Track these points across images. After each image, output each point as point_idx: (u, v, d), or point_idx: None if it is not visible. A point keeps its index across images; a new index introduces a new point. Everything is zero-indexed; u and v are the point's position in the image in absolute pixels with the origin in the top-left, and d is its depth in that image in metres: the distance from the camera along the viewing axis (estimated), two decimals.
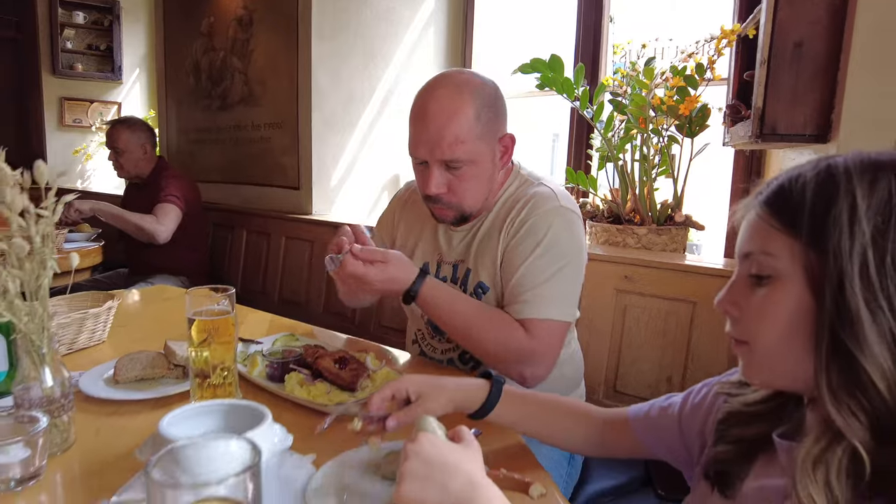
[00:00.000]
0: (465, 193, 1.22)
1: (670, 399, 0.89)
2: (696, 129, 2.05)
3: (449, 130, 1.15)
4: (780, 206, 0.59)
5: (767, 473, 0.64)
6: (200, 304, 0.97)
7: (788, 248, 0.57)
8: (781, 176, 0.61)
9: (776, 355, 0.60)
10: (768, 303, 0.59)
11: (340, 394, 1.05)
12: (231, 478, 0.41)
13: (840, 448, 0.53)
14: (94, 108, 4.73)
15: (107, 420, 0.97)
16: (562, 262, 1.19)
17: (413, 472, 0.60)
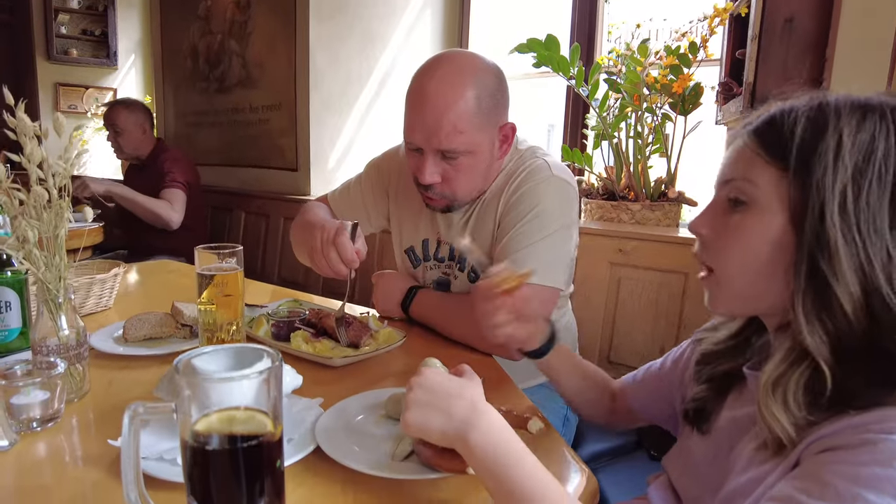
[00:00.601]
0: (459, 184, 1.18)
1: (651, 364, 0.94)
2: (690, 107, 2.08)
3: (447, 119, 1.09)
4: (768, 137, 0.61)
5: (739, 404, 0.68)
6: (209, 262, 1.00)
7: (771, 178, 0.60)
8: (773, 108, 0.63)
9: (740, 281, 0.63)
10: (742, 228, 0.62)
11: (345, 350, 1.08)
12: (254, 375, 0.45)
13: (798, 370, 0.56)
14: (90, 93, 4.71)
15: (119, 373, 1.00)
16: (549, 230, 1.17)
17: (417, 401, 0.63)
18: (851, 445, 0.49)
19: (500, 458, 0.58)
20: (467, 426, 0.60)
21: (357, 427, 0.79)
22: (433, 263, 1.38)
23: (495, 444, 0.59)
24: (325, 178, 3.10)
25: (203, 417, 0.45)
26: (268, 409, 0.48)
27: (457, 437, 0.61)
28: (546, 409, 1.38)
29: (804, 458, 0.52)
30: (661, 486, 0.80)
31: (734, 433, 0.67)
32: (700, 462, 0.73)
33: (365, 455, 0.72)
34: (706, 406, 0.73)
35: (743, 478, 0.61)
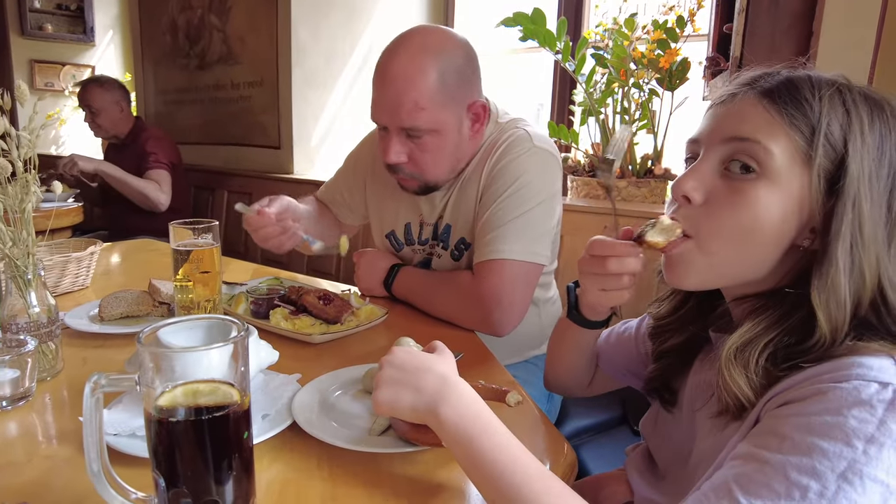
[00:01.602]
0: (426, 165, 1.15)
1: (626, 323, 0.91)
2: (677, 82, 2.06)
3: (408, 96, 1.07)
4: (790, 103, 0.56)
5: (701, 369, 0.68)
6: (184, 238, 0.98)
7: (789, 148, 0.56)
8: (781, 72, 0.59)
9: (728, 253, 0.59)
10: (748, 198, 0.57)
11: (325, 327, 1.07)
12: (219, 346, 0.43)
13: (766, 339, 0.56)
14: (67, 70, 4.59)
15: (94, 351, 0.99)
16: (530, 203, 1.15)
17: (387, 378, 0.62)
18: (804, 397, 0.49)
19: (470, 430, 0.57)
20: (437, 400, 0.60)
21: (334, 402, 0.78)
22: (417, 248, 1.36)
23: (466, 417, 0.58)
24: (309, 156, 3.06)
25: (167, 391, 0.44)
26: (234, 380, 0.46)
27: (427, 412, 0.60)
28: (530, 384, 1.38)
29: (763, 415, 0.53)
30: (638, 457, 0.81)
31: (697, 397, 0.67)
32: (671, 429, 0.73)
33: (341, 430, 0.71)
34: (666, 383, 0.72)
35: (706, 444, 0.61)
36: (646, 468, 0.78)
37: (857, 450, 0.44)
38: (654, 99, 2.11)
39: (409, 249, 1.38)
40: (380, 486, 0.63)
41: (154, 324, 0.49)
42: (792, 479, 0.45)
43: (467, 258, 1.26)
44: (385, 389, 0.62)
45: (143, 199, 2.67)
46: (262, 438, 0.68)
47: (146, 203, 2.68)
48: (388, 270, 1.31)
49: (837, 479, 0.44)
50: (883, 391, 0.46)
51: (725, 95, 0.61)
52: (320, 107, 3.05)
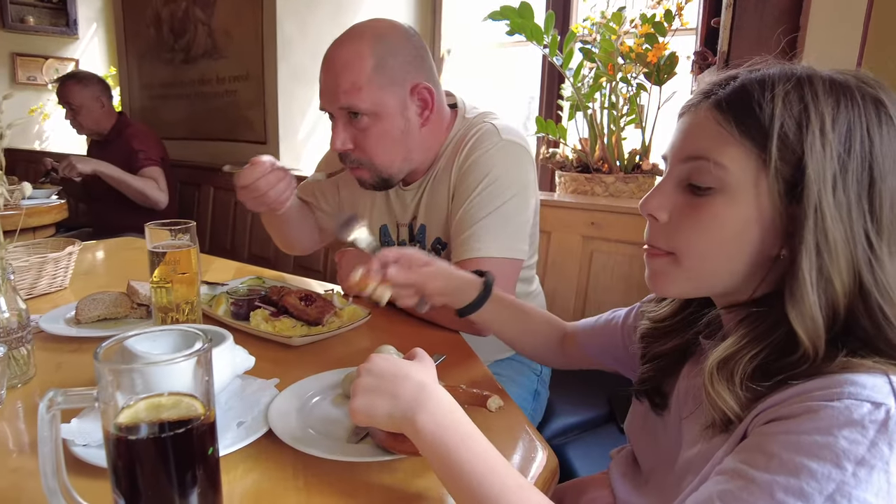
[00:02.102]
0: (372, 150, 1.14)
1: (616, 312, 0.91)
2: (665, 76, 2.05)
3: (344, 77, 1.09)
4: (740, 112, 0.55)
5: (691, 374, 0.67)
6: (161, 239, 0.96)
7: (742, 160, 0.55)
8: (739, 75, 0.58)
9: (705, 265, 0.59)
10: (709, 214, 0.57)
11: (306, 329, 1.05)
12: (180, 359, 0.41)
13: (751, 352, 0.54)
14: (50, 64, 4.53)
15: (69, 356, 0.96)
16: (504, 198, 1.13)
17: (364, 386, 0.61)
18: (794, 414, 0.48)
19: (447, 440, 0.56)
20: (414, 408, 0.58)
21: (312, 408, 0.77)
22: None
23: (443, 426, 0.57)
24: (295, 151, 3.03)
25: (128, 407, 0.42)
26: (198, 392, 0.45)
27: (404, 421, 0.59)
28: (515, 382, 1.37)
29: (751, 430, 0.51)
30: (623, 460, 0.80)
31: (685, 403, 0.66)
32: (659, 433, 0.72)
33: (318, 438, 0.70)
34: (657, 386, 0.71)
35: (692, 451, 0.60)
36: (629, 471, 0.78)
37: (847, 472, 0.43)
38: (641, 94, 2.10)
39: None
40: (356, 496, 0.62)
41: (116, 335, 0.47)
42: (778, 499, 0.44)
43: (445, 258, 1.24)
44: (361, 397, 0.61)
45: (143, 198, 2.65)
46: (236, 447, 0.67)
47: (146, 202, 2.65)
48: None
49: (825, 501, 0.43)
50: (875, 411, 0.45)
51: (688, 106, 0.61)
52: (307, 101, 3.02)
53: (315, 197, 1.49)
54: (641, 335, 0.74)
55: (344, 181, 1.41)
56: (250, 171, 1.16)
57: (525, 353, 1.03)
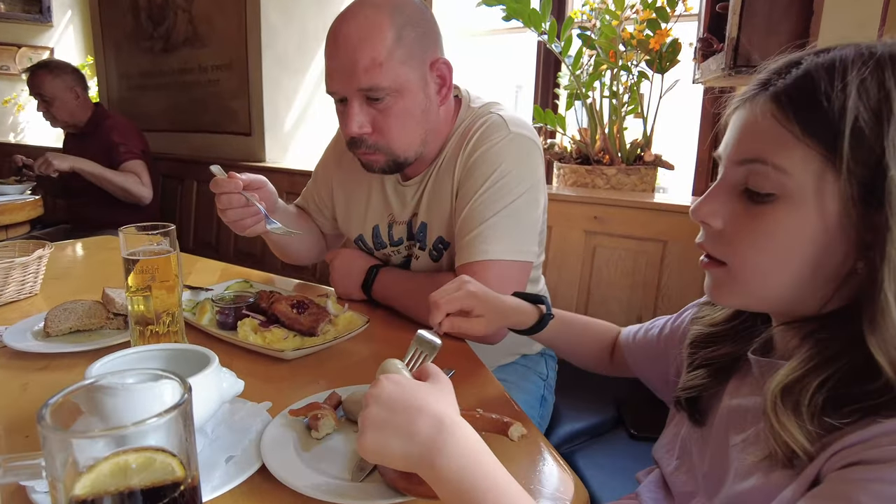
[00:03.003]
0: (392, 132, 1.04)
1: (657, 321, 0.85)
2: (667, 64, 1.98)
3: (363, 52, 0.97)
4: (804, 108, 0.48)
5: (739, 392, 0.60)
6: (137, 245, 0.86)
7: (807, 163, 0.48)
8: (804, 60, 0.50)
9: (763, 280, 0.53)
10: (768, 226, 0.50)
11: (300, 339, 0.97)
12: (152, 420, 0.33)
13: (819, 378, 0.47)
14: (23, 53, 4.35)
15: (36, 375, 0.87)
16: (513, 195, 1.05)
17: (374, 420, 0.52)
18: (885, 459, 0.41)
19: (470, 487, 0.48)
20: (432, 449, 0.50)
21: (311, 438, 0.68)
22: (391, 250, 1.25)
23: (466, 470, 0.49)
24: (281, 143, 2.92)
25: (84, 473, 0.34)
26: (175, 449, 0.36)
27: (421, 462, 0.51)
28: (521, 388, 1.30)
29: (827, 472, 0.44)
30: (653, 485, 0.72)
31: (732, 424, 0.58)
32: (695, 455, 0.65)
33: (318, 475, 0.61)
34: (702, 395, 0.64)
35: (746, 484, 0.52)
36: (661, 497, 0.70)
37: None
38: (643, 82, 2.02)
39: (382, 254, 1.27)
40: None
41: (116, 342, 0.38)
42: None
43: (447, 257, 1.17)
44: (372, 434, 0.52)
45: (126, 194, 2.53)
46: (225, 488, 0.58)
47: (129, 198, 2.54)
48: (367, 272, 1.20)
49: None
50: None
51: (743, 99, 0.53)
52: (293, 91, 2.90)
53: (308, 204, 1.42)
54: (692, 340, 0.67)
55: (337, 179, 1.33)
56: (222, 183, 1.08)
57: (574, 362, 0.98)
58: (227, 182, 1.07)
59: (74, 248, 1.73)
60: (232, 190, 1.07)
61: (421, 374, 0.60)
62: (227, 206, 1.09)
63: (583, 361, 0.96)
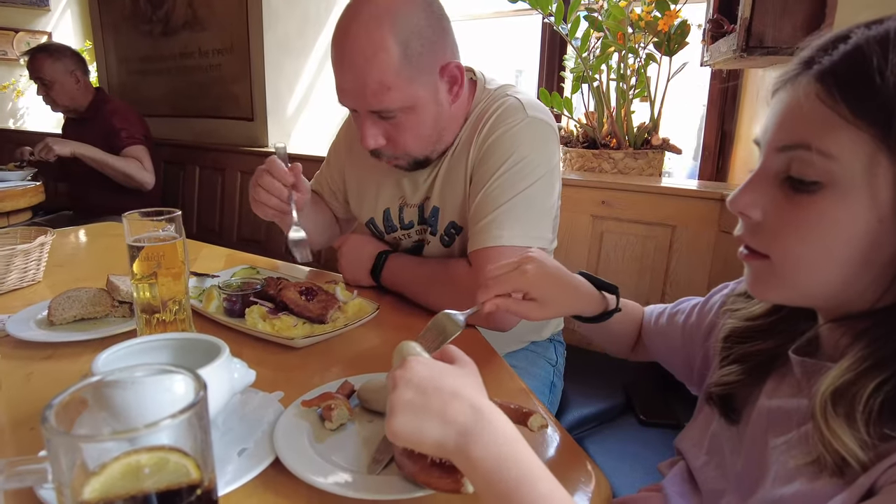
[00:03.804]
0: (407, 143, 1.04)
1: (681, 304, 0.81)
2: (675, 46, 1.94)
3: (370, 76, 0.94)
4: (853, 86, 0.44)
5: (779, 393, 0.57)
6: (142, 231, 0.84)
7: (857, 146, 0.44)
8: (853, 34, 0.46)
9: (809, 273, 0.49)
10: (814, 216, 0.47)
11: (309, 327, 0.95)
12: (165, 421, 0.31)
13: (874, 382, 0.44)
14: (20, 37, 4.29)
15: (40, 365, 0.85)
16: (529, 180, 1.03)
17: (406, 403, 0.50)
18: None
19: (507, 476, 0.46)
20: (468, 437, 0.48)
21: (324, 428, 0.67)
22: (401, 233, 1.23)
23: (502, 459, 0.47)
24: (284, 128, 2.89)
25: (95, 475, 0.32)
26: (191, 451, 0.34)
27: (456, 449, 0.48)
28: (531, 374, 1.29)
29: (884, 483, 0.41)
30: (678, 478, 0.70)
31: (772, 426, 0.56)
32: (726, 453, 0.62)
33: (334, 467, 0.60)
34: (737, 392, 0.61)
35: (788, 489, 0.50)
36: (687, 491, 0.68)
37: None
38: (650, 64, 1.99)
39: (392, 237, 1.26)
40: None
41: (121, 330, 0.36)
42: None
43: (459, 243, 1.15)
44: (405, 417, 0.49)
45: (128, 180, 2.50)
46: (239, 483, 0.57)
47: (131, 184, 2.51)
48: (375, 258, 1.19)
49: None
50: None
51: (783, 80, 0.50)
52: (295, 75, 2.86)
53: (322, 188, 1.40)
54: (727, 335, 0.63)
55: (349, 162, 1.31)
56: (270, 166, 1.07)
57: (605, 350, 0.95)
58: (282, 172, 1.06)
59: (77, 234, 1.72)
60: (283, 180, 1.06)
61: (444, 357, 0.58)
62: (268, 188, 1.07)
63: (614, 349, 0.92)
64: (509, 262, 0.76)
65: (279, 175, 1.05)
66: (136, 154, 2.53)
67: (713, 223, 1.65)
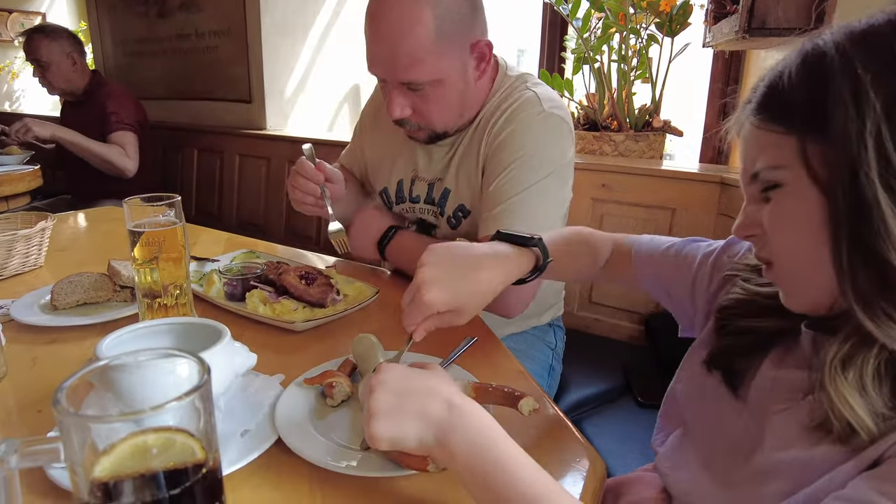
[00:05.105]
0: (433, 114, 1.08)
1: (693, 243, 0.78)
2: (677, 27, 1.92)
3: (402, 49, 0.97)
4: (772, 107, 0.51)
5: (784, 364, 0.58)
6: (142, 217, 0.85)
7: (792, 150, 0.49)
8: (766, 77, 0.53)
9: (801, 271, 0.53)
10: (778, 214, 0.52)
11: (309, 311, 0.96)
12: (171, 403, 0.32)
13: (875, 347, 0.47)
14: (14, 18, 4.25)
15: (45, 349, 0.86)
16: (542, 173, 1.05)
17: (383, 408, 0.52)
18: None
19: (486, 463, 0.49)
20: (445, 430, 0.51)
21: (323, 407, 0.68)
22: (408, 206, 1.25)
23: (478, 447, 0.50)
24: (282, 110, 2.87)
25: (104, 454, 0.33)
26: (196, 432, 0.35)
27: (436, 444, 0.51)
28: (530, 357, 1.30)
29: (890, 456, 0.43)
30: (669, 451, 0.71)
31: (775, 394, 0.57)
32: (726, 415, 0.63)
33: (334, 445, 0.61)
34: (740, 362, 0.62)
35: (784, 454, 0.52)
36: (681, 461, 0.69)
37: None
38: (652, 46, 1.97)
39: (399, 209, 1.28)
40: None
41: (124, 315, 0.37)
42: None
43: (467, 226, 1.16)
44: (384, 422, 0.52)
45: (108, 166, 2.47)
46: (242, 463, 0.58)
47: (111, 170, 2.48)
48: (385, 231, 1.20)
49: None
50: None
51: (737, 124, 0.57)
52: (293, 56, 2.84)
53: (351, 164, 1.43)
54: (733, 303, 0.64)
55: (370, 131, 1.35)
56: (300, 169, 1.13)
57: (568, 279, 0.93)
58: (312, 171, 1.11)
59: (77, 219, 1.72)
60: (314, 179, 1.11)
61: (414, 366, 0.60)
62: (302, 189, 1.13)
63: (579, 274, 0.90)
64: (409, 288, 0.70)
65: (310, 175, 1.11)
66: (121, 140, 2.49)
67: (713, 206, 1.65)
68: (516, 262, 0.74)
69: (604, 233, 0.89)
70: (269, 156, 2.67)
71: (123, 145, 2.49)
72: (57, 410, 0.31)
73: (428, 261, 0.67)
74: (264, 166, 2.70)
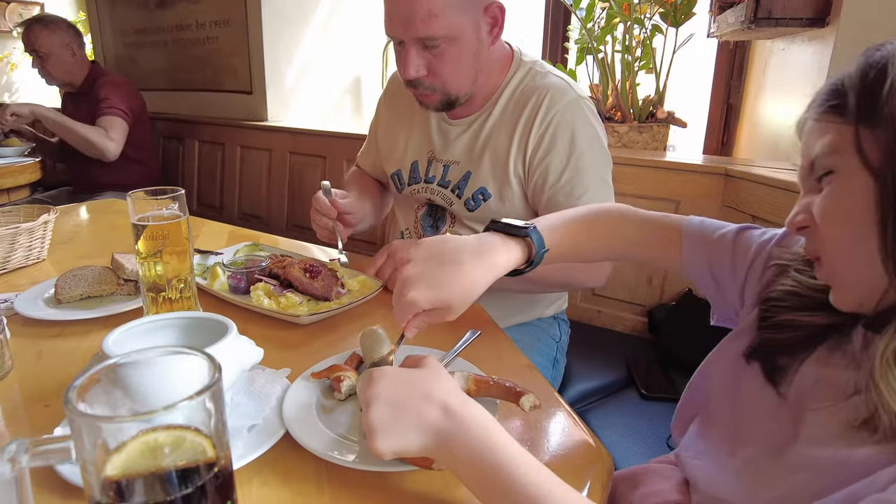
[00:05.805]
0: (446, 74, 1.11)
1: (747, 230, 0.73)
2: (682, 17, 1.90)
3: (420, 4, 1.02)
4: (832, 101, 0.52)
5: (830, 362, 0.57)
6: (145, 210, 0.84)
7: (845, 135, 0.50)
8: (831, 78, 0.54)
9: (848, 265, 0.52)
10: (829, 201, 0.52)
11: (314, 304, 0.96)
12: (182, 402, 0.32)
13: None
14: (12, 8, 4.22)
15: (49, 343, 0.86)
16: (598, 152, 1.15)
17: (384, 422, 0.52)
18: None
19: (487, 464, 0.49)
20: (447, 434, 0.51)
21: (331, 399, 0.68)
22: (422, 186, 1.27)
23: (479, 449, 0.50)
24: (283, 100, 2.86)
25: (115, 451, 0.33)
26: (207, 431, 0.35)
27: (437, 449, 0.52)
28: (534, 349, 1.30)
29: None
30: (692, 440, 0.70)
31: (817, 391, 0.56)
32: (759, 406, 0.62)
33: (344, 440, 0.61)
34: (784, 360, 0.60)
35: (821, 452, 0.51)
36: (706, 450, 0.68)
37: None
38: (656, 36, 1.96)
39: (411, 189, 1.30)
40: None
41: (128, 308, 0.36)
42: None
43: (486, 211, 1.19)
44: (385, 436, 0.51)
45: (87, 145, 2.38)
46: (250, 458, 0.58)
47: (91, 150, 2.40)
48: None
49: None
50: None
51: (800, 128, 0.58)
52: (294, 46, 2.82)
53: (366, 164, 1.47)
54: (783, 295, 0.62)
55: (385, 120, 1.38)
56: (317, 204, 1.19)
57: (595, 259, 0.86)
58: (326, 207, 1.17)
59: (79, 211, 1.71)
60: (328, 215, 1.17)
61: (412, 363, 0.59)
62: (317, 222, 1.20)
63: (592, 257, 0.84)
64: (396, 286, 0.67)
65: (324, 210, 1.17)
66: (105, 123, 2.43)
67: (717, 198, 1.65)
68: (504, 253, 0.71)
69: (635, 209, 0.82)
70: (271, 147, 2.66)
71: (107, 128, 2.43)
72: (68, 410, 0.31)
73: (412, 257, 0.67)
74: (266, 157, 2.69)
